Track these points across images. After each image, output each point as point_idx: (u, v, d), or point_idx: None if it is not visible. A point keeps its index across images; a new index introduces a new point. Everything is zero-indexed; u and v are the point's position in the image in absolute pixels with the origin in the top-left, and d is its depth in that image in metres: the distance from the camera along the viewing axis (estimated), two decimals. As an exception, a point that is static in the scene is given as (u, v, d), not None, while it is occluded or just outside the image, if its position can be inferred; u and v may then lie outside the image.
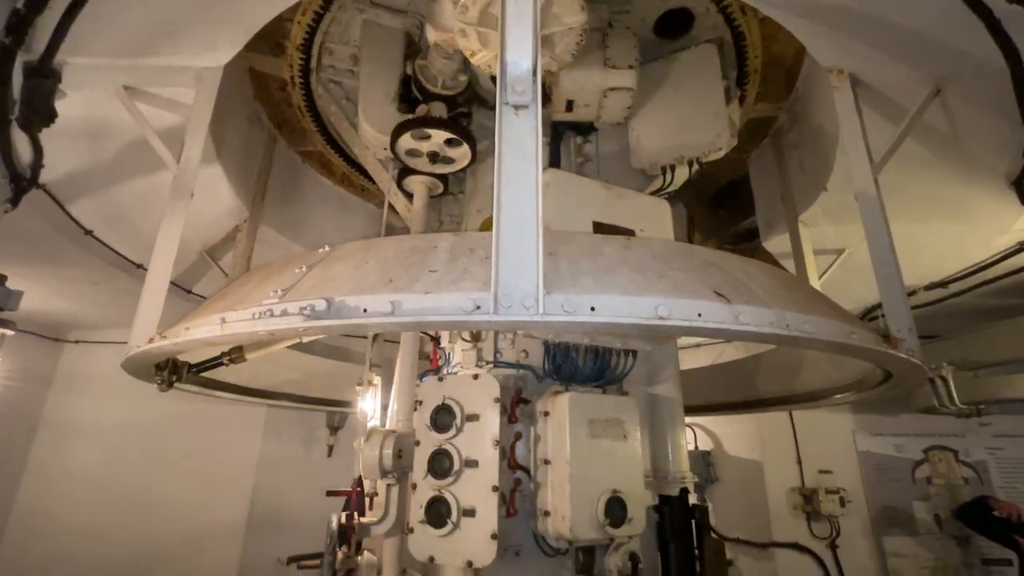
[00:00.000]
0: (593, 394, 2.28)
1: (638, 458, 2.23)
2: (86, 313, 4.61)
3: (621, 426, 2.22)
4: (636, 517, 2.10)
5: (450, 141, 2.93)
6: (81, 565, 4.44)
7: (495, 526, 1.98)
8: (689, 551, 2.30)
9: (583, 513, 2.03)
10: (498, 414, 2.13)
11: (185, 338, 1.75)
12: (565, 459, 2.07)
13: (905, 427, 5.04)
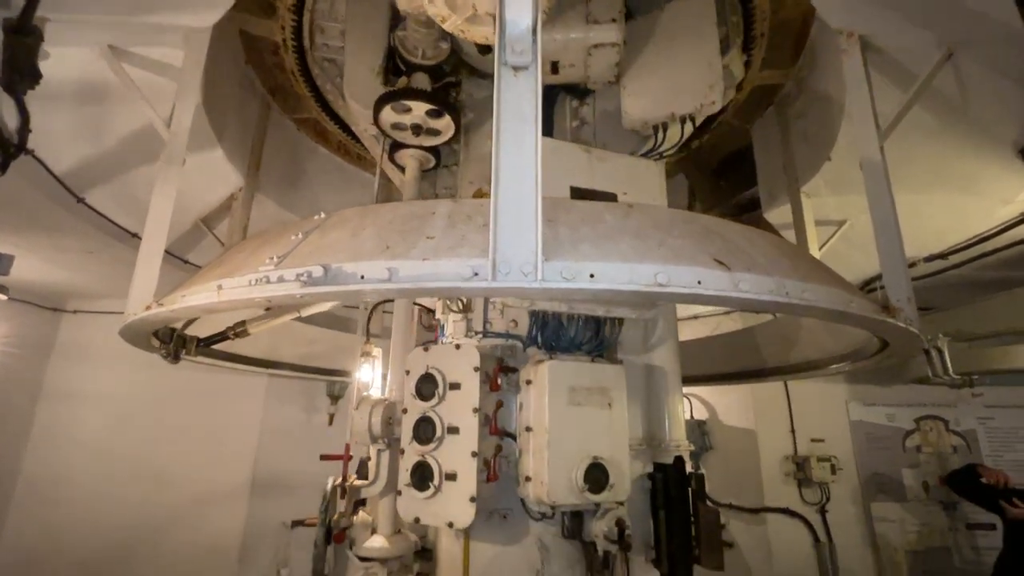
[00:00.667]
0: (576, 362, 2.30)
1: (623, 426, 2.22)
2: (83, 283, 4.59)
3: (606, 394, 2.24)
4: (619, 484, 2.14)
5: (432, 112, 2.85)
6: (89, 529, 4.55)
7: (474, 490, 2.07)
8: (683, 518, 2.31)
9: (561, 479, 2.09)
10: (478, 383, 2.19)
11: (181, 305, 1.74)
12: (544, 426, 2.13)
13: (897, 397, 5.11)
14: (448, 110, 2.83)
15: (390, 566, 2.25)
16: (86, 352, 5.03)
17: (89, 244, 3.67)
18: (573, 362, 2.29)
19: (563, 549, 2.27)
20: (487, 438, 2.20)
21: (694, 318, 5.46)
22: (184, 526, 4.56)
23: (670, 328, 2.66)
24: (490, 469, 2.16)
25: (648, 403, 2.51)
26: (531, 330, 2.41)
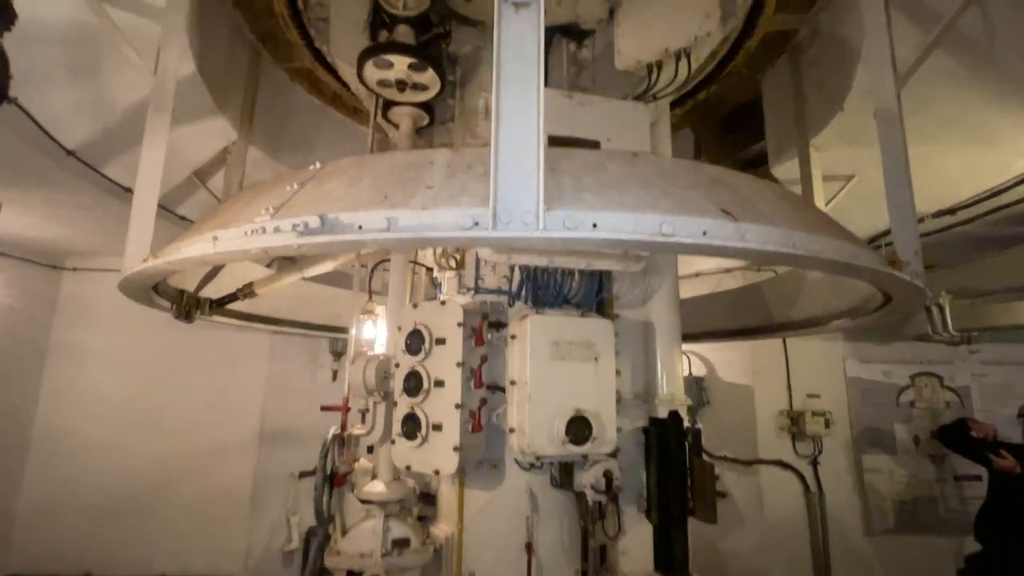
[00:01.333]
0: (560, 317, 2.32)
1: (610, 380, 2.24)
2: (80, 240, 4.55)
3: (591, 348, 2.25)
4: (602, 436, 2.18)
5: (414, 66, 2.69)
6: (105, 478, 4.70)
7: (457, 440, 2.16)
8: (676, 472, 2.33)
9: (542, 430, 2.15)
10: (461, 338, 2.25)
11: (177, 257, 1.72)
12: (526, 379, 2.18)
13: (894, 354, 5.16)
14: (431, 63, 2.66)
15: (389, 509, 2.37)
16: (89, 310, 5.05)
17: (82, 199, 3.60)
18: (557, 317, 2.31)
19: (552, 498, 2.34)
20: (472, 391, 2.27)
21: (696, 276, 5.44)
22: (196, 476, 4.71)
23: (669, 284, 2.62)
24: (475, 420, 2.24)
25: (646, 358, 2.51)
26: (521, 286, 2.41)
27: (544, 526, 2.31)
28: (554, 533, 2.34)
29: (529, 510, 2.29)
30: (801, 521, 4.82)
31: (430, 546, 2.36)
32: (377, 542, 2.28)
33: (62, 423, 4.84)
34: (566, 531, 2.35)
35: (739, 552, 4.87)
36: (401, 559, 2.28)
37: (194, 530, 4.59)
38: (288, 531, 4.74)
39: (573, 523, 2.35)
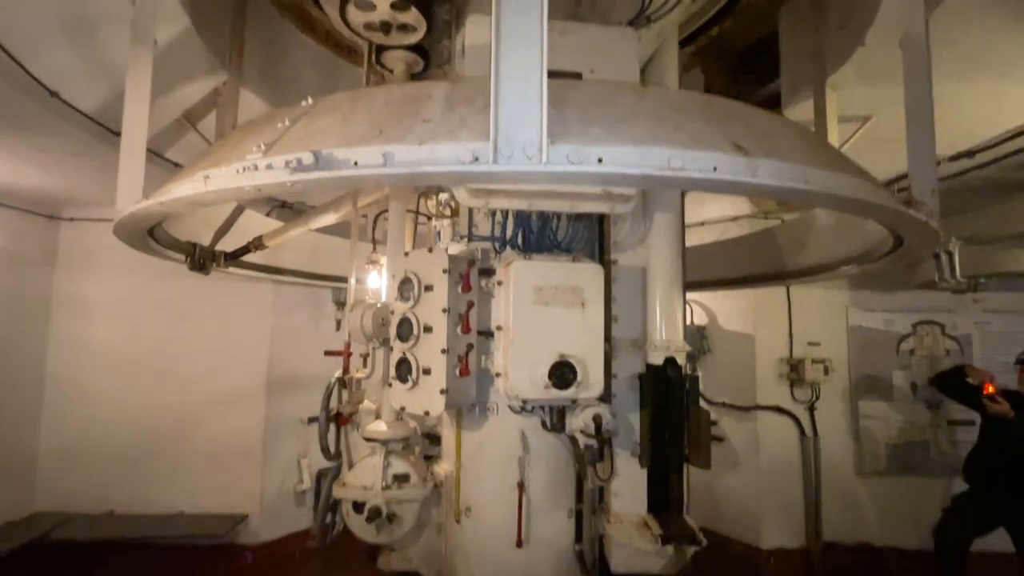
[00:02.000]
0: (545, 262, 2.32)
1: (597, 325, 2.24)
2: (75, 189, 4.46)
3: (579, 293, 2.25)
4: (590, 382, 2.21)
5: (396, 5, 2.52)
6: (120, 425, 4.84)
7: (444, 383, 2.23)
8: (670, 418, 2.34)
9: (524, 375, 2.20)
10: (446, 284, 2.27)
11: (169, 197, 1.67)
12: (509, 324, 2.23)
13: (897, 303, 5.15)
14: (413, 1, 2.51)
15: (391, 447, 2.49)
16: (91, 261, 5.03)
17: (72, 145, 3.50)
18: (542, 262, 2.32)
19: (544, 440, 2.40)
20: (459, 336, 2.32)
21: (701, 224, 5.36)
22: (209, 422, 4.84)
23: (671, 228, 2.50)
24: (463, 365, 2.30)
25: (644, 303, 2.46)
26: (514, 232, 2.40)
27: (535, 467, 2.39)
28: (545, 474, 2.41)
29: (521, 451, 2.37)
30: (795, 464, 4.97)
31: (430, 482, 2.49)
32: (378, 476, 2.42)
33: (73, 373, 4.92)
34: (558, 472, 2.42)
35: (733, 492, 5.06)
36: (400, 492, 2.42)
37: (209, 472, 4.76)
38: (299, 472, 4.93)
39: (567, 465, 2.41)
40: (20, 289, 4.73)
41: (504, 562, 2.40)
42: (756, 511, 4.90)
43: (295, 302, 5.15)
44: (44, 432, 4.84)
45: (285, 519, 4.89)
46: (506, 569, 2.41)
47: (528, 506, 2.36)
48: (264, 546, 4.72)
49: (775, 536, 4.84)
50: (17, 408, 4.65)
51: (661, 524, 2.27)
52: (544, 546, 2.40)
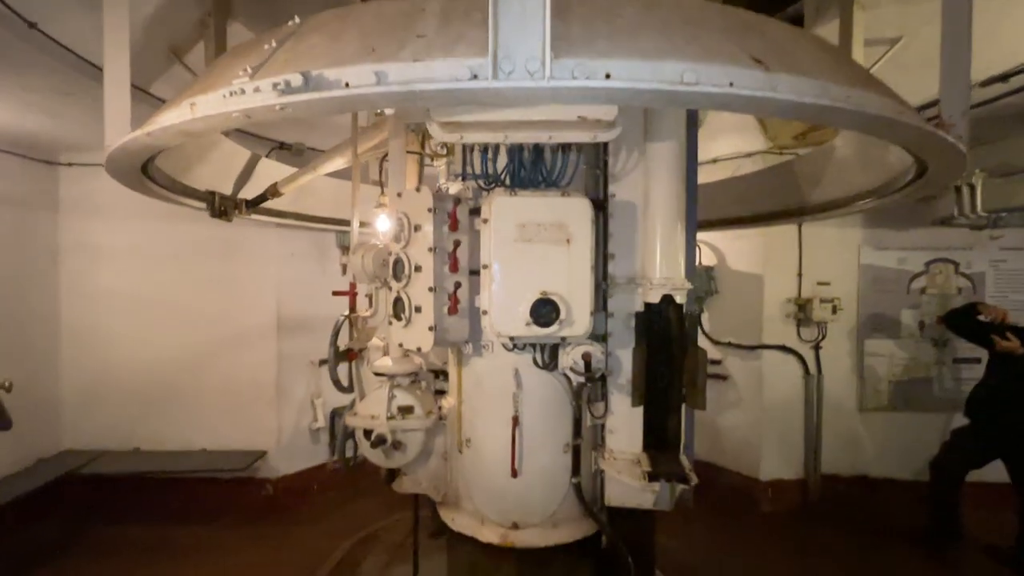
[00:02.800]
0: (527, 197, 2.27)
1: (584, 262, 2.20)
2: (69, 132, 4.35)
3: (564, 229, 2.21)
4: (572, 320, 2.20)
5: None
6: (137, 368, 4.97)
7: (432, 321, 2.33)
8: (665, 358, 2.29)
9: (506, 313, 2.22)
10: (431, 223, 2.31)
11: (156, 127, 1.60)
12: (490, 262, 2.23)
13: (912, 241, 5.04)
14: None
15: (397, 380, 2.61)
16: (94, 207, 4.99)
17: (59, 83, 3.37)
18: (525, 197, 2.27)
19: (538, 378, 2.44)
20: (448, 275, 2.36)
21: (713, 162, 5.17)
22: (223, 364, 4.96)
23: (671, 157, 2.34)
24: (451, 303, 2.36)
25: (644, 238, 2.36)
26: (505, 168, 2.34)
27: (529, 403, 2.44)
28: (540, 410, 2.45)
29: (515, 387, 2.42)
30: (797, 401, 5.04)
31: (434, 414, 2.62)
32: (383, 408, 2.54)
33: (87, 318, 5.01)
34: (554, 408, 2.46)
35: (735, 428, 5.19)
36: (404, 423, 2.55)
37: (227, 411, 4.93)
38: (313, 411, 5.09)
39: (562, 402, 2.44)
40: (27, 237, 4.73)
41: (500, 490, 2.51)
42: (756, 445, 5.03)
43: (300, 246, 5.13)
44: (65, 376, 4.99)
45: (302, 455, 5.11)
46: (502, 497, 2.52)
47: (522, 439, 2.42)
48: (283, 479, 4.96)
49: (774, 469, 5.00)
50: (35, 353, 4.78)
51: (652, 462, 2.28)
52: (538, 477, 2.47)
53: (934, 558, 4.09)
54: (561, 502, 2.50)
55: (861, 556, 4.16)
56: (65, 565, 3.98)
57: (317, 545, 4.22)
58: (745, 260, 5.22)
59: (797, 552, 4.26)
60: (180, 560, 4.04)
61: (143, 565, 3.96)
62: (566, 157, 2.29)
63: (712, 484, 5.12)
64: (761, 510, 4.90)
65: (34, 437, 4.69)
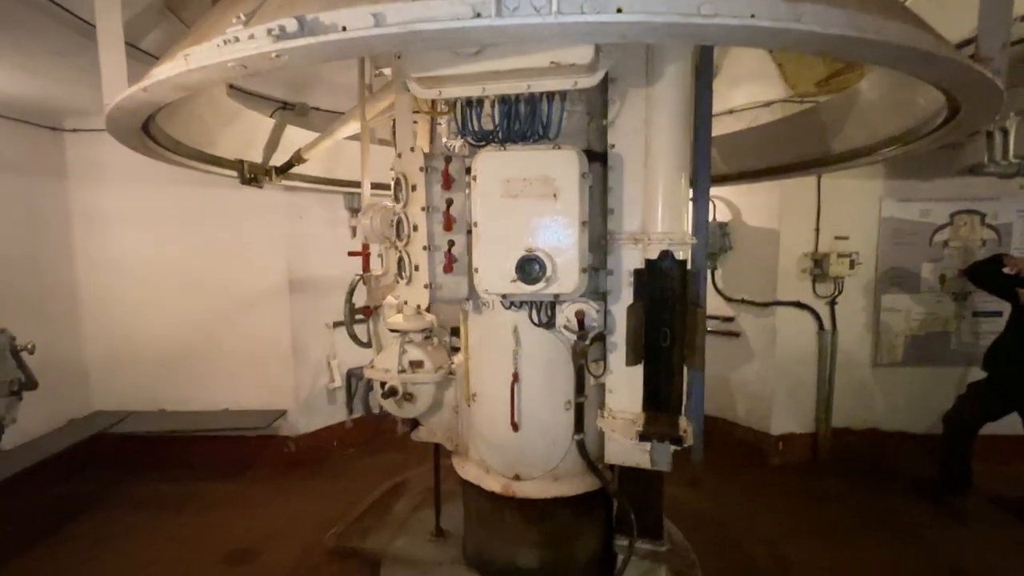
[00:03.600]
0: (511, 152, 2.23)
1: (571, 217, 2.15)
2: (69, 96, 4.29)
3: (550, 184, 2.15)
4: (558, 276, 2.17)
5: None
6: (156, 332, 5.08)
7: (427, 279, 2.40)
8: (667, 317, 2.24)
9: (493, 269, 2.23)
10: (423, 183, 2.34)
11: (152, 81, 1.55)
12: (478, 219, 2.25)
13: (936, 192, 4.85)
14: None
15: (410, 337, 2.73)
16: (102, 173, 4.98)
17: (54, 43, 3.28)
18: (510, 152, 2.23)
19: (538, 336, 2.45)
20: (442, 233, 2.39)
21: (729, 113, 4.97)
22: (239, 327, 5.04)
23: (674, 103, 2.18)
24: (447, 261, 2.40)
25: (645, 191, 2.25)
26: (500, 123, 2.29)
27: (529, 360, 2.47)
28: (540, 366, 2.48)
29: (514, 345, 2.46)
30: (810, 357, 5.02)
31: (444, 369, 2.74)
32: (395, 362, 2.68)
33: (103, 286, 5.09)
34: (554, 366, 2.47)
35: (747, 384, 5.20)
36: (414, 376, 2.71)
37: (246, 373, 5.05)
38: (330, 372, 5.20)
39: (563, 359, 2.44)
40: (39, 204, 4.76)
41: (503, 443, 2.59)
42: (767, 400, 5.05)
43: (308, 209, 5.10)
44: (88, 340, 5.12)
45: (320, 414, 5.26)
46: (505, 449, 2.61)
47: (521, 395, 2.47)
48: (303, 437, 5.12)
49: (784, 423, 5.04)
50: (57, 318, 4.90)
51: (648, 421, 2.27)
52: (538, 432, 2.52)
53: (942, 507, 4.14)
54: (563, 457, 2.55)
55: (868, 504, 4.23)
56: (103, 516, 4.21)
57: (339, 497, 4.40)
58: (760, 215, 5.09)
59: (805, 501, 4.34)
60: (211, 511, 4.25)
61: (177, 515, 4.18)
62: (551, 107, 2.20)
63: (723, 438, 5.19)
64: (771, 463, 4.97)
65: (65, 399, 4.87)
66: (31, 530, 3.95)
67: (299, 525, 4.02)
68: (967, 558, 3.51)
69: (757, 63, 4.53)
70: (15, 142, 4.54)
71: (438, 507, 3.47)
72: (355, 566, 3.45)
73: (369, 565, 3.36)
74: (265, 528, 3.98)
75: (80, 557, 3.65)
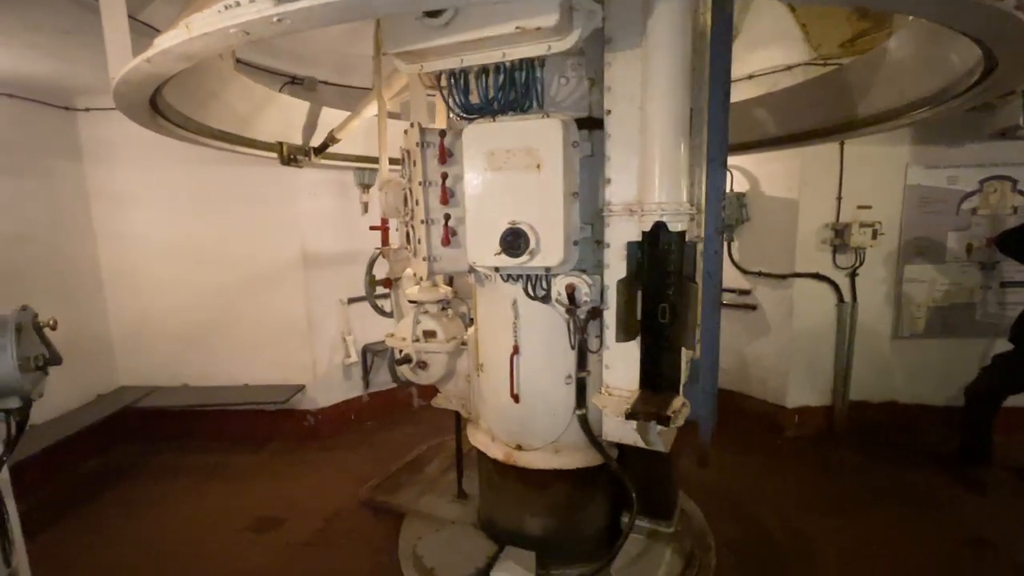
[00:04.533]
0: (494, 123, 2.21)
1: (554, 188, 2.10)
2: (78, 75, 4.28)
3: (534, 154, 2.11)
4: (544, 249, 2.14)
5: None
6: (176, 308, 5.18)
7: (426, 252, 2.47)
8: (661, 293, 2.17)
9: (481, 243, 2.24)
10: (420, 157, 2.39)
11: (155, 51, 1.53)
12: (466, 192, 2.27)
13: (965, 157, 4.65)
14: None
15: (426, 308, 2.84)
16: (116, 152, 5.01)
17: (61, 20, 3.26)
18: (492, 124, 2.21)
19: (537, 310, 2.46)
20: (439, 207, 2.43)
21: (748, 78, 4.79)
22: (255, 302, 5.11)
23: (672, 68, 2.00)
24: (444, 234, 2.45)
25: (641, 159, 2.12)
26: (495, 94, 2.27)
27: (528, 333, 2.50)
28: (539, 340, 2.49)
29: (514, 317, 2.49)
30: (829, 329, 4.94)
31: (456, 340, 2.84)
32: (409, 331, 2.81)
33: (125, 265, 5.17)
34: (553, 339, 2.47)
35: (763, 357, 5.15)
36: (426, 345, 2.83)
37: (264, 348, 5.14)
38: (345, 348, 5.27)
39: (563, 333, 2.43)
40: (56, 183, 4.81)
41: (506, 412, 2.66)
42: (784, 373, 5.01)
43: (321, 186, 5.08)
44: (112, 319, 5.25)
45: (337, 389, 5.35)
46: (508, 420, 2.68)
47: (521, 367, 2.51)
48: (322, 411, 5.23)
49: (801, 396, 5.00)
50: (81, 297, 5.01)
51: (640, 400, 2.20)
52: (539, 405, 2.56)
53: (960, 479, 4.11)
54: (564, 431, 2.57)
55: (885, 476, 4.21)
56: (134, 485, 4.38)
57: (358, 468, 4.52)
58: (780, 185, 4.95)
59: (820, 472, 4.34)
60: (235, 481, 4.39)
61: (203, 485, 4.33)
62: (531, 75, 2.14)
63: (738, 412, 5.18)
64: (786, 435, 4.96)
65: (92, 375, 5.02)
66: (65, 500, 4.14)
67: (320, 494, 4.14)
68: (985, 528, 3.49)
69: (778, 25, 4.34)
70: (29, 122, 4.57)
71: (460, 471, 3.67)
72: (378, 529, 3.58)
73: (395, 517, 3.61)
74: (288, 497, 4.11)
75: (112, 524, 3.82)
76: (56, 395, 3.81)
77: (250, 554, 3.45)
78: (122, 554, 3.47)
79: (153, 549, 3.51)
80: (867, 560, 3.22)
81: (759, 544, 3.40)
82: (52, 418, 4.46)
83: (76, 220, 5.00)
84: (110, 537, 3.67)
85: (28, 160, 4.57)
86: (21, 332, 1.48)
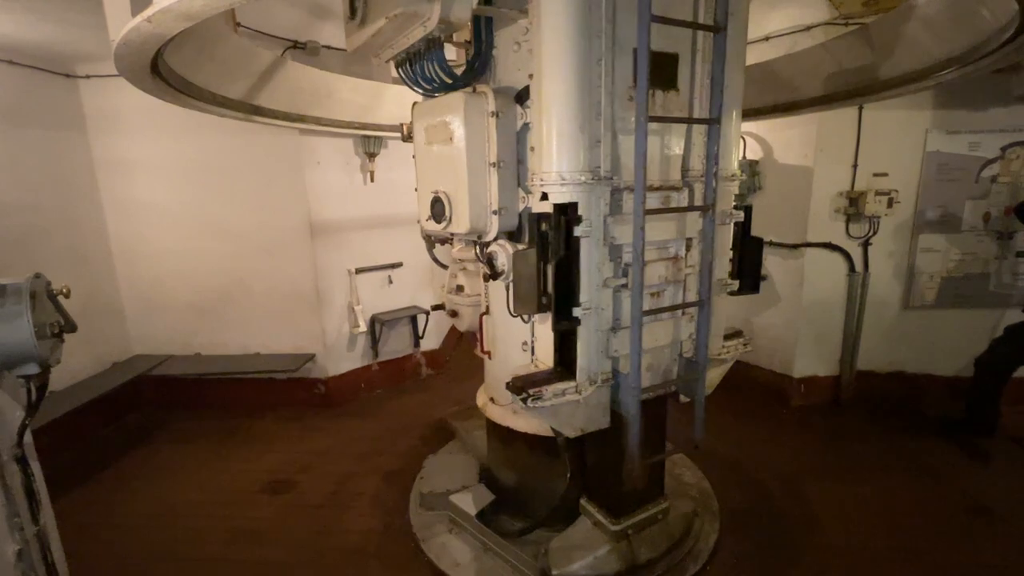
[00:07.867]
0: (427, 102, 2.39)
1: (461, 159, 2.17)
2: (78, 41, 4.19)
3: (447, 128, 2.20)
4: (455, 217, 2.28)
5: None
6: (187, 278, 5.21)
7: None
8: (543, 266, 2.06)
9: (423, 211, 2.48)
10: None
11: (154, 10, 1.48)
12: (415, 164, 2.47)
13: (988, 122, 4.50)
14: None
15: (464, 264, 3.12)
16: (120, 121, 4.95)
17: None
18: (426, 102, 2.40)
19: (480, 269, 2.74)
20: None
21: (765, 40, 4.61)
22: (265, 272, 5.12)
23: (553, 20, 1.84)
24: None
25: (535, 127, 2.02)
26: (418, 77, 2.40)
27: (494, 296, 2.71)
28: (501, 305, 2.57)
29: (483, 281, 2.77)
30: (839, 299, 4.90)
31: (480, 296, 3.02)
32: (448, 284, 3.25)
33: (133, 234, 5.19)
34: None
35: (771, 327, 5.14)
36: (456, 298, 3.14)
37: (274, 317, 5.19)
38: (354, 318, 5.30)
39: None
40: (61, 152, 4.79)
41: (486, 365, 3.01)
42: (791, 343, 5.00)
43: (325, 154, 5.01)
44: (123, 288, 5.30)
45: (347, 357, 5.42)
46: (487, 372, 3.05)
47: (489, 328, 2.82)
48: (332, 379, 5.31)
49: (808, 366, 5.00)
50: (93, 267, 5.05)
51: (526, 375, 2.17)
52: (504, 365, 2.68)
53: (966, 448, 4.13)
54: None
55: (890, 444, 4.25)
56: (151, 451, 4.51)
57: (370, 433, 4.61)
58: (794, 152, 4.83)
59: (825, 440, 4.38)
60: (248, 446, 4.51)
61: (217, 450, 4.45)
62: (436, 55, 2.17)
63: (743, 382, 5.20)
64: (792, 405, 4.99)
65: (106, 344, 5.11)
66: (85, 464, 4.27)
67: (332, 459, 4.25)
68: (988, 496, 3.53)
69: (799, -18, 4.15)
70: (29, 89, 4.51)
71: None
72: (389, 492, 3.68)
73: (407, 478, 3.85)
74: (301, 461, 4.22)
75: (130, 487, 3.95)
76: (72, 363, 3.87)
77: (265, 514, 3.57)
78: (143, 514, 3.60)
79: (172, 510, 3.64)
80: (870, 527, 3.28)
81: (764, 510, 3.46)
82: (69, 385, 4.56)
83: (83, 189, 4.99)
84: (130, 499, 3.80)
85: (30, 128, 4.53)
86: (35, 299, 1.49)
